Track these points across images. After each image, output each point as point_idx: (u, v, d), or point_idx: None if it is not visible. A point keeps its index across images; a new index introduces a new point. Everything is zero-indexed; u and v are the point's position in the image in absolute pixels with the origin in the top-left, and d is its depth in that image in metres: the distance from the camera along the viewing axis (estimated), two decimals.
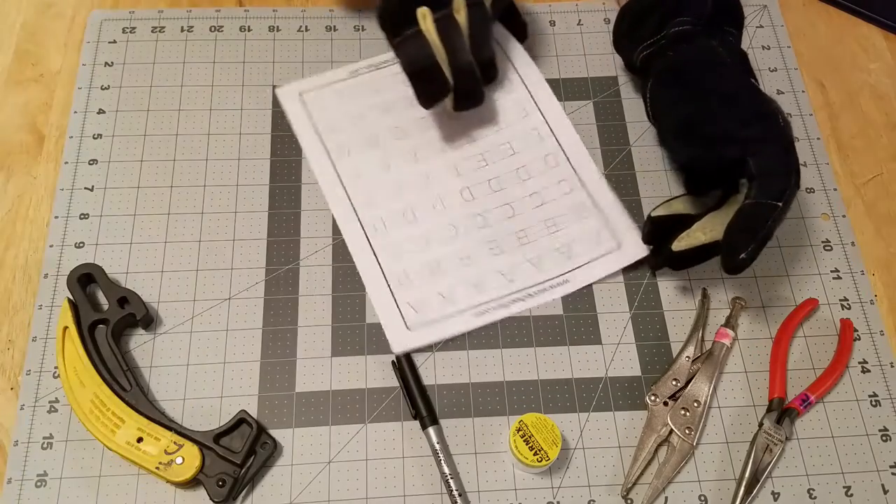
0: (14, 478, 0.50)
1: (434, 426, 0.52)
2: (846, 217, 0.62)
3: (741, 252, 0.50)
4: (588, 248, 0.59)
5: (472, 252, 0.59)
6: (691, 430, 0.52)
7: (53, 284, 0.56)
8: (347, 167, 0.61)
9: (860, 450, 0.53)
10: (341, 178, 0.61)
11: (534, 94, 0.65)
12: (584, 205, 0.60)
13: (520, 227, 0.60)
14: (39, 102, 0.64)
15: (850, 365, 0.56)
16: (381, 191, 0.61)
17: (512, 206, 0.60)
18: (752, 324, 0.57)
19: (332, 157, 0.62)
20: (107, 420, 0.49)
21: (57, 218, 0.59)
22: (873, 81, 0.68)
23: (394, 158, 0.62)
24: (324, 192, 0.61)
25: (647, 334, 0.57)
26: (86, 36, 0.67)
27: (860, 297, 0.59)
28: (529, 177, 0.61)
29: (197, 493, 0.50)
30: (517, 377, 0.55)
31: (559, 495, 0.51)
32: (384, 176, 0.61)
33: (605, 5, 0.71)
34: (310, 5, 0.70)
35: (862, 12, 0.71)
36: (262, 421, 0.53)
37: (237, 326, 0.56)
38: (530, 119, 0.64)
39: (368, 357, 0.55)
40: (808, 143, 0.65)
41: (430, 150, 0.62)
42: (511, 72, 0.65)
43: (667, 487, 0.52)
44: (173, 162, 0.62)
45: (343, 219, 0.60)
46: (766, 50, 0.69)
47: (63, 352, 0.52)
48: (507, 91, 0.65)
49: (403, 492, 0.51)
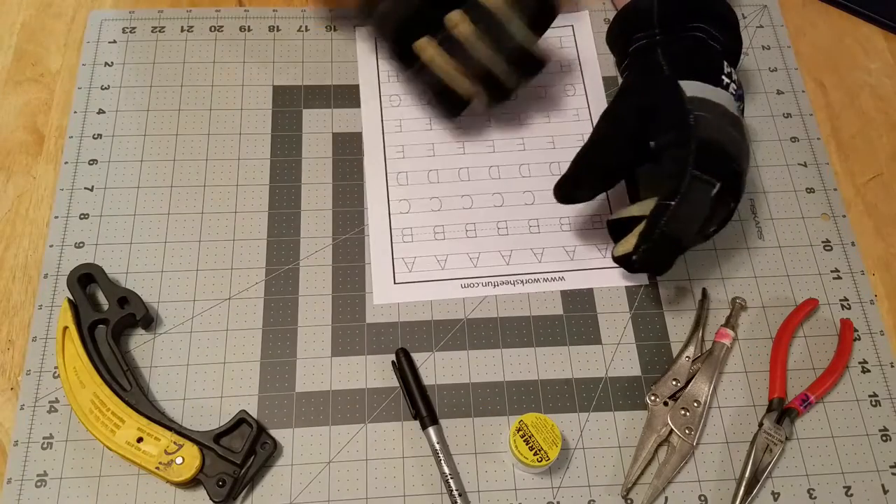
0: (14, 478, 0.50)
1: (434, 426, 0.52)
2: (846, 217, 0.62)
3: (634, 253, 0.52)
4: (592, 256, 0.59)
5: (480, 226, 0.60)
6: (691, 430, 0.52)
7: (53, 284, 0.56)
8: (392, 116, 0.64)
9: (860, 450, 0.53)
10: (384, 126, 0.64)
11: (590, 102, 0.66)
12: (602, 216, 0.61)
13: (534, 216, 0.61)
14: (39, 102, 0.64)
15: (850, 365, 0.56)
16: (416, 147, 0.63)
17: (534, 193, 0.62)
18: (752, 324, 0.57)
19: (382, 104, 0.65)
20: (107, 420, 0.49)
21: (57, 218, 0.59)
22: (873, 81, 0.68)
23: (438, 120, 0.64)
24: (364, 137, 0.63)
25: (647, 334, 0.57)
26: (86, 36, 0.67)
27: (860, 297, 0.59)
28: (561, 173, 0.62)
29: (197, 493, 0.50)
30: (517, 377, 0.55)
31: (559, 495, 0.51)
32: (423, 133, 0.64)
33: (605, 5, 0.71)
34: (310, 5, 0.70)
35: (862, 12, 0.71)
36: (262, 421, 0.53)
37: (237, 326, 0.56)
38: (580, 124, 0.65)
39: (368, 357, 0.55)
40: (808, 143, 0.65)
41: (475, 120, 0.64)
42: (578, 77, 0.67)
43: (667, 487, 0.52)
44: (173, 162, 0.62)
45: (371, 165, 0.62)
46: (766, 50, 0.69)
47: (63, 352, 0.52)
48: (571, 94, 0.66)
49: (403, 492, 0.51)
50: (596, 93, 0.66)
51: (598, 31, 0.69)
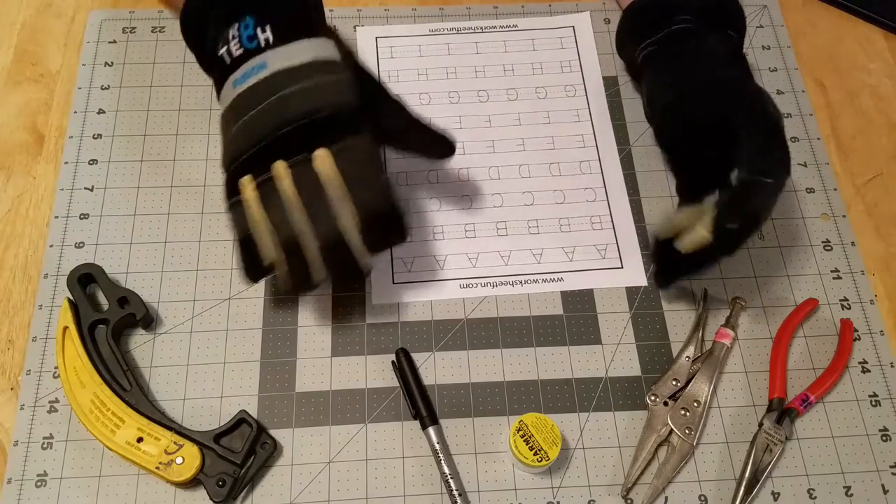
0: (14, 478, 0.50)
1: (434, 426, 0.52)
2: (846, 217, 0.62)
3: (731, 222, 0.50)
4: (591, 258, 0.59)
5: (479, 227, 0.60)
6: (691, 430, 0.52)
7: (53, 284, 0.56)
8: None
9: (860, 450, 0.53)
10: None
11: (591, 102, 0.66)
12: (601, 217, 0.61)
13: (533, 217, 0.60)
14: (39, 102, 0.64)
15: (850, 365, 0.56)
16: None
17: (533, 194, 0.61)
18: (752, 324, 0.57)
19: None
20: (107, 420, 0.49)
21: (57, 218, 0.59)
22: (873, 81, 0.68)
23: (438, 120, 0.64)
24: None
25: (647, 334, 0.57)
26: (86, 36, 0.67)
27: (860, 297, 0.59)
28: (560, 174, 0.62)
29: (197, 493, 0.50)
30: (517, 377, 0.55)
31: (559, 495, 0.51)
32: None
33: (605, 5, 0.71)
34: None
35: (862, 12, 0.71)
36: (262, 421, 0.53)
37: (237, 326, 0.56)
38: (581, 125, 0.65)
39: (368, 357, 0.55)
40: (808, 143, 0.65)
41: (475, 121, 0.64)
42: (578, 77, 0.67)
43: (667, 487, 0.51)
44: (173, 162, 0.62)
45: None
46: (766, 50, 0.69)
47: (63, 352, 0.52)
48: (571, 94, 0.66)
49: (403, 492, 0.51)
50: (596, 93, 0.66)
51: (598, 31, 0.69)
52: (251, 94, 0.49)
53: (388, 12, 0.69)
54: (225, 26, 0.50)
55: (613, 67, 0.67)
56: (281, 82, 0.48)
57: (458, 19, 0.69)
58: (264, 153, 0.48)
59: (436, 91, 0.66)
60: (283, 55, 0.49)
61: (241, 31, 0.49)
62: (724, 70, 0.56)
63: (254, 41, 0.49)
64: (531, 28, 0.69)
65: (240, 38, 0.49)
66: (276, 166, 0.47)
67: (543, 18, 0.70)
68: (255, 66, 0.49)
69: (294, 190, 0.47)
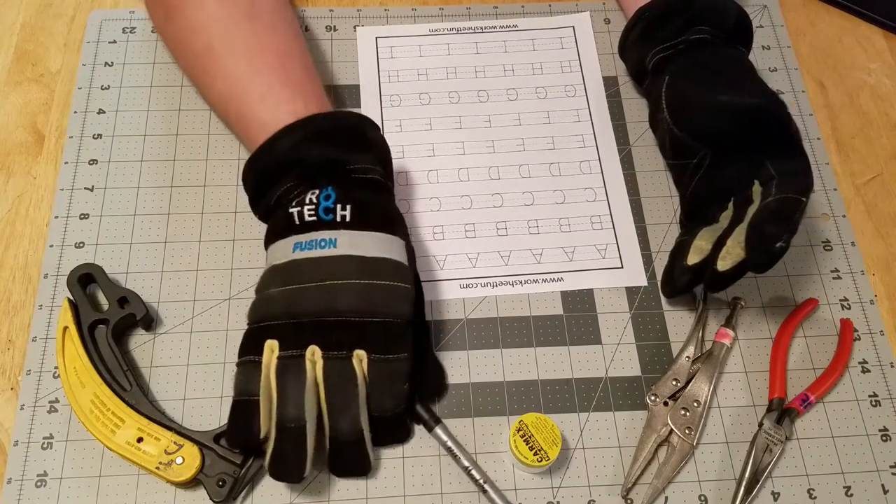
0: (14, 478, 0.50)
1: (439, 425, 0.52)
2: (846, 217, 0.62)
3: (777, 241, 0.48)
4: (592, 258, 0.59)
5: (479, 227, 0.60)
6: (691, 430, 0.52)
7: (53, 284, 0.56)
8: (392, 116, 0.64)
9: (860, 450, 0.53)
10: (384, 126, 0.64)
11: (591, 102, 0.66)
12: (601, 217, 0.61)
13: (533, 217, 0.61)
14: (39, 102, 0.64)
15: (850, 365, 0.56)
16: (416, 147, 0.63)
17: (533, 194, 0.61)
18: (752, 324, 0.57)
19: (382, 104, 0.64)
20: (107, 420, 0.49)
21: (57, 218, 0.59)
22: (873, 81, 0.68)
23: (438, 120, 0.64)
24: None
25: (647, 334, 0.57)
26: (86, 36, 0.67)
27: (860, 297, 0.59)
28: (560, 174, 0.62)
29: (197, 493, 0.50)
30: (517, 377, 0.55)
31: (559, 495, 0.51)
32: (423, 134, 0.64)
33: (605, 5, 0.71)
34: (309, 5, 0.70)
35: (862, 12, 0.71)
36: None
37: (237, 326, 0.56)
38: (581, 125, 0.65)
39: None
40: (808, 143, 0.65)
41: (475, 122, 0.65)
42: (578, 77, 0.67)
43: (667, 487, 0.51)
44: (173, 162, 0.62)
45: None
46: (766, 50, 0.69)
47: (63, 352, 0.51)
48: (571, 94, 0.66)
49: (403, 492, 0.51)
50: (596, 93, 0.66)
51: (598, 31, 0.69)
52: (309, 266, 0.49)
53: (388, 12, 0.69)
54: (301, 185, 0.51)
55: (613, 67, 0.67)
56: (345, 270, 0.48)
57: (458, 19, 0.69)
58: (298, 329, 0.48)
59: (436, 91, 0.66)
60: (355, 241, 0.49)
61: (321, 201, 0.50)
62: (754, 83, 0.56)
63: (330, 214, 0.49)
64: (531, 28, 0.69)
65: (317, 207, 0.50)
66: (313, 350, 0.48)
67: (543, 18, 0.70)
68: (324, 239, 0.49)
69: (322, 379, 0.47)
